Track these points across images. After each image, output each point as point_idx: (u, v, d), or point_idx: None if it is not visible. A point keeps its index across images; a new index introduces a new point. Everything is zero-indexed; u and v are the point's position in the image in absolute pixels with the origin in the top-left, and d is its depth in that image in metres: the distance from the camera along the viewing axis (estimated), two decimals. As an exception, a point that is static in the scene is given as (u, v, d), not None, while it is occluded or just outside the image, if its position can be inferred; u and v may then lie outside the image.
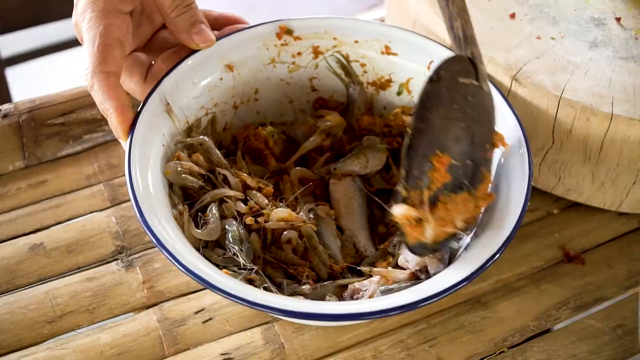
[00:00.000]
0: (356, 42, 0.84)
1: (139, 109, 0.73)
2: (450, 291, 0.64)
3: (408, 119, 0.82)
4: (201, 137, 0.77)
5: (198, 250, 0.70)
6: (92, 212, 0.85)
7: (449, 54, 0.78)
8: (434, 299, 0.63)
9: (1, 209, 0.84)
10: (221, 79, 0.81)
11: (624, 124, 0.76)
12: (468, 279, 0.64)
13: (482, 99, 0.72)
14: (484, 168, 0.71)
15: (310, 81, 0.87)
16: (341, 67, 0.86)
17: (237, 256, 0.70)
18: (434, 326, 0.77)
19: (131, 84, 0.78)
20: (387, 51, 0.84)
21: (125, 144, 0.72)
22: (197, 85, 0.79)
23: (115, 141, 0.90)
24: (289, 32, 0.83)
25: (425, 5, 0.86)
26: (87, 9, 0.73)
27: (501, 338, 0.77)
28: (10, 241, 0.82)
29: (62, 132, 0.89)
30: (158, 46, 0.81)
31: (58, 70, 1.77)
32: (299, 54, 0.85)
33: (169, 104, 0.75)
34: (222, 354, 0.74)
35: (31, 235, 0.82)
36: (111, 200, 0.85)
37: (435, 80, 0.70)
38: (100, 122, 0.90)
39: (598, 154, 0.79)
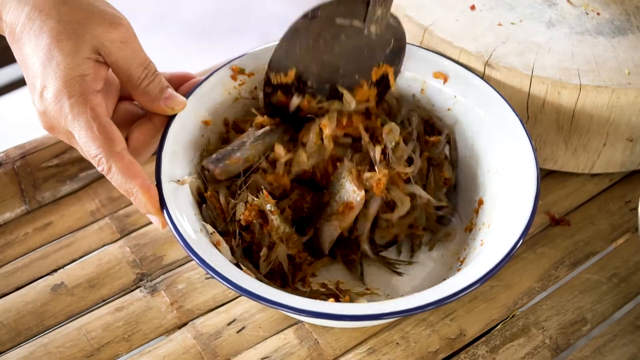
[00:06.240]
0: None
1: (157, 189, 0.74)
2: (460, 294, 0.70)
3: None
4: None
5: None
6: (104, 246, 0.87)
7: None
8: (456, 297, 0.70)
9: (13, 256, 0.86)
10: (202, 135, 0.83)
11: (592, 92, 0.84)
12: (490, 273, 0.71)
13: (361, 39, 0.83)
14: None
15: None
16: None
17: None
18: (450, 301, 0.83)
19: None
20: None
21: (156, 220, 0.74)
22: (188, 150, 0.81)
23: (111, 175, 0.92)
24: (241, 71, 0.86)
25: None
26: (61, 95, 0.71)
27: (512, 302, 0.83)
28: (29, 285, 0.83)
29: (57, 174, 0.91)
30: (123, 119, 0.80)
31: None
32: (256, 88, 0.88)
33: (179, 180, 0.77)
34: (262, 358, 0.78)
35: (49, 277, 0.84)
36: (120, 231, 0.88)
37: (309, 17, 0.81)
38: (93, 158, 0.92)
39: (570, 122, 0.87)
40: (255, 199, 0.78)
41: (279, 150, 0.82)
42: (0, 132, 1.22)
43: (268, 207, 0.77)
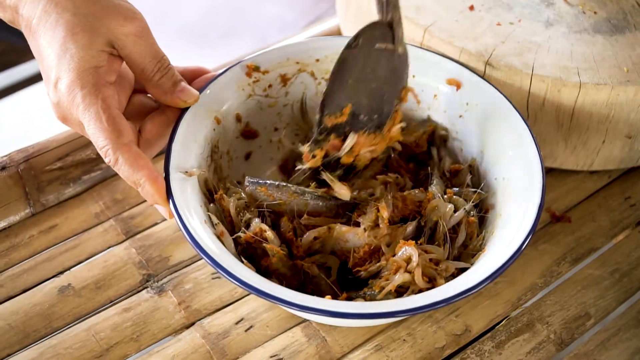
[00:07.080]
0: (317, 60, 0.89)
1: (164, 179, 0.75)
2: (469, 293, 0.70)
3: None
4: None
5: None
6: (109, 248, 0.87)
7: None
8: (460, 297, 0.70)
9: (19, 258, 0.86)
10: (214, 129, 0.84)
11: (592, 89, 0.85)
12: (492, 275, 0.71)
13: (394, 61, 0.81)
14: (389, 118, 0.82)
15: (284, 108, 0.91)
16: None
17: None
18: (456, 298, 0.84)
19: None
20: None
21: (163, 210, 0.74)
22: (199, 142, 0.81)
23: (114, 176, 0.92)
24: (256, 68, 0.87)
25: (391, 8, 0.92)
26: (74, 86, 0.72)
27: (516, 298, 0.84)
28: (36, 287, 0.84)
29: (61, 176, 0.91)
30: (137, 111, 0.81)
31: None
32: (270, 86, 0.89)
33: (187, 171, 0.77)
34: (271, 357, 0.79)
35: (56, 279, 0.84)
36: (125, 233, 0.88)
37: (353, 46, 0.79)
38: (96, 161, 0.92)
39: (570, 120, 0.88)
40: (267, 231, 0.78)
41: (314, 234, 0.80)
42: (3, 135, 1.21)
43: (271, 252, 0.78)
